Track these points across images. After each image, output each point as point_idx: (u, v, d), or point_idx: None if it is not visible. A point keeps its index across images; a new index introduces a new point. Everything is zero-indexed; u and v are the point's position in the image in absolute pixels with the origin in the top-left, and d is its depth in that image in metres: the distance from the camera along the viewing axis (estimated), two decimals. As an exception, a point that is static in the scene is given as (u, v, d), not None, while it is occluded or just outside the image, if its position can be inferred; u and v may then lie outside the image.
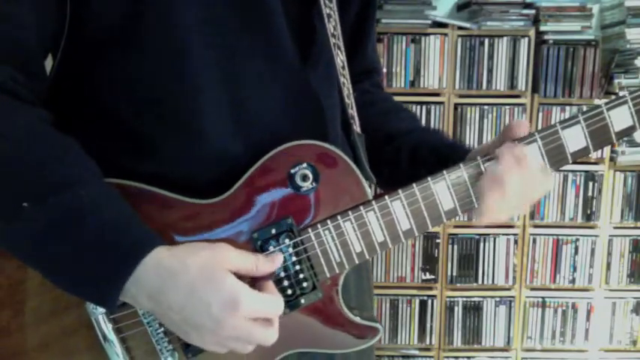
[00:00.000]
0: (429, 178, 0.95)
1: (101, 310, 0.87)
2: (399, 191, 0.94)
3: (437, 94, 3.07)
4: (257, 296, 0.83)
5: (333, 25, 0.99)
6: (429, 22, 3.02)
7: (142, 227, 0.83)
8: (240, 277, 0.83)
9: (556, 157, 0.97)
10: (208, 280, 0.81)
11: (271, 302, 0.85)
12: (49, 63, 0.90)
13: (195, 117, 0.89)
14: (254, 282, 0.86)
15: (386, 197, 0.93)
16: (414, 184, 0.94)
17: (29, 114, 0.83)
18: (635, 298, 3.19)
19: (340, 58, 1.01)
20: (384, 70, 3.02)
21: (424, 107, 3.05)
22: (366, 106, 1.14)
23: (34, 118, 0.83)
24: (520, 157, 0.94)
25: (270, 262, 0.88)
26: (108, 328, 0.88)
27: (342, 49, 1.02)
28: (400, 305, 3.18)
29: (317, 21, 0.98)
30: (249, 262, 0.85)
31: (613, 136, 0.98)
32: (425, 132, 1.13)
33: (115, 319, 0.88)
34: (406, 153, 1.07)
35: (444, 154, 1.04)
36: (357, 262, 0.94)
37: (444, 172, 0.95)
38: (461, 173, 0.96)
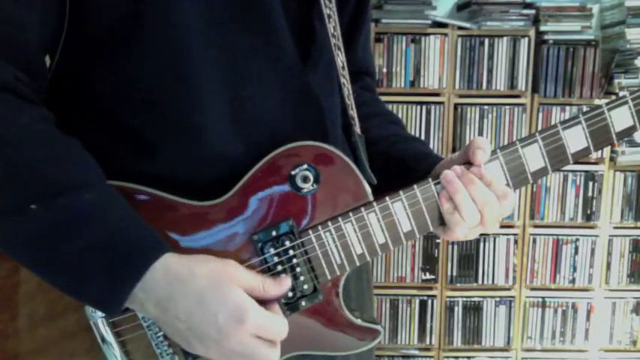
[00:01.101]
0: (430, 179, 0.94)
1: (100, 313, 0.87)
2: (400, 192, 0.93)
3: (437, 94, 3.07)
4: (264, 313, 0.83)
5: (333, 26, 0.99)
6: (429, 22, 3.03)
7: (151, 232, 0.83)
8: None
9: (557, 157, 0.97)
10: (217, 291, 0.80)
11: (277, 322, 0.84)
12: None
13: (196, 117, 0.88)
14: (260, 304, 0.85)
15: (387, 198, 0.93)
16: (415, 186, 0.94)
17: (32, 113, 0.82)
18: (635, 298, 3.19)
19: (340, 59, 1.00)
20: (384, 70, 3.02)
21: (424, 107, 3.05)
22: None
23: (38, 118, 0.83)
24: (471, 179, 0.93)
25: (277, 285, 0.87)
26: (107, 332, 0.88)
27: (342, 49, 1.01)
28: (400, 305, 3.18)
29: (317, 21, 0.98)
30: (256, 282, 0.85)
31: (614, 136, 0.98)
32: (399, 141, 1.11)
33: (114, 323, 0.88)
34: (378, 162, 1.06)
35: (409, 166, 1.04)
36: (357, 263, 0.93)
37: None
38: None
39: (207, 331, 0.80)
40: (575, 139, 0.97)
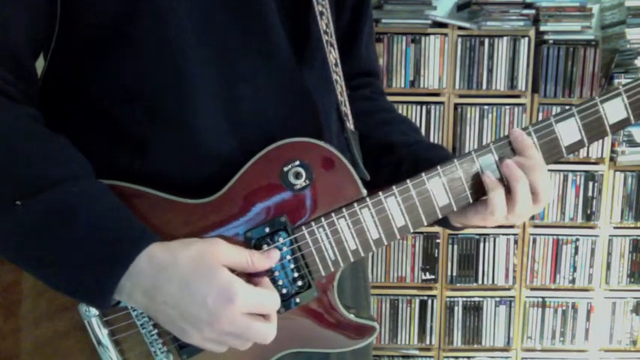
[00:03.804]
0: (423, 174, 0.94)
1: (94, 312, 0.87)
2: (393, 187, 0.93)
3: (437, 94, 3.07)
4: (253, 289, 0.83)
5: (325, 23, 0.98)
6: (429, 22, 3.03)
7: (137, 223, 0.83)
8: (234, 274, 0.83)
9: (550, 150, 0.96)
10: (201, 273, 0.81)
11: (268, 296, 0.84)
12: (39, 65, 0.90)
13: (189, 116, 0.88)
14: (249, 278, 0.85)
15: (380, 194, 0.93)
16: (408, 180, 0.94)
17: (20, 112, 0.83)
18: (635, 298, 3.18)
19: (333, 56, 1.00)
20: (384, 70, 3.02)
21: (424, 107, 3.05)
22: (367, 113, 1.13)
23: (24, 116, 0.83)
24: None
25: (265, 258, 0.87)
26: (101, 331, 0.87)
27: (335, 46, 1.01)
28: (400, 305, 3.18)
29: (311, 19, 0.98)
30: (243, 257, 0.85)
31: (607, 128, 0.97)
32: (428, 147, 1.11)
33: (108, 322, 0.88)
34: (408, 167, 1.05)
35: None
36: (352, 259, 0.93)
37: (438, 167, 0.95)
38: (455, 169, 0.95)
39: (197, 314, 0.80)
40: (569, 132, 0.96)
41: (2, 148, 0.80)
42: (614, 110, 0.97)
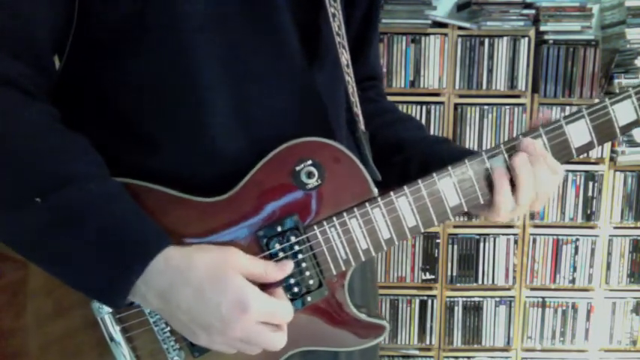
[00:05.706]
0: (434, 174, 0.95)
1: (107, 309, 0.87)
2: (405, 187, 0.94)
3: (437, 94, 3.07)
4: (267, 299, 0.83)
5: (337, 25, 0.99)
6: (429, 22, 3.03)
7: (153, 225, 0.83)
8: (249, 282, 0.83)
9: (560, 152, 0.97)
10: (217, 281, 0.81)
11: (281, 307, 0.85)
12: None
13: (199, 115, 0.89)
14: (263, 288, 0.85)
15: (391, 193, 0.93)
16: (420, 180, 0.94)
17: (35, 108, 0.83)
18: (635, 298, 3.19)
19: (345, 57, 1.01)
20: (384, 69, 3.02)
21: (424, 107, 3.05)
22: (373, 115, 1.14)
23: (41, 113, 0.83)
24: (537, 150, 0.95)
25: (279, 269, 0.87)
26: (114, 328, 0.88)
27: (347, 47, 1.01)
28: (400, 305, 3.18)
29: (323, 21, 0.98)
30: (259, 267, 0.85)
31: (617, 130, 0.98)
32: (434, 143, 1.12)
33: (121, 319, 0.88)
34: (416, 164, 1.06)
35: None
36: (363, 258, 0.94)
37: (449, 167, 0.95)
38: (466, 169, 0.96)
39: (209, 321, 0.81)
40: (579, 133, 0.97)
41: (19, 145, 0.80)
42: (624, 112, 0.98)
